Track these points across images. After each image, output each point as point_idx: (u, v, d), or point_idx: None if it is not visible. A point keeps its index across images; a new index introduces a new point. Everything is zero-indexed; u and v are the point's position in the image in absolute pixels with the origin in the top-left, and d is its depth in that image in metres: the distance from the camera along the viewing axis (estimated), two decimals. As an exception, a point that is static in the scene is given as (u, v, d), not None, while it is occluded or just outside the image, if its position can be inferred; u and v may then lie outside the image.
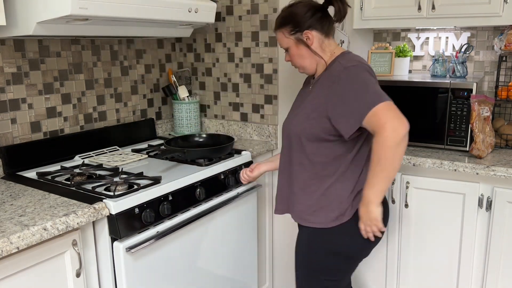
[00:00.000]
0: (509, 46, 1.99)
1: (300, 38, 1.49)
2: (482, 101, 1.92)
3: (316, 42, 1.49)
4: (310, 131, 1.46)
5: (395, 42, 2.55)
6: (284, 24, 1.50)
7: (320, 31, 1.49)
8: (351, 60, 1.43)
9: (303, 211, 1.53)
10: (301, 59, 1.52)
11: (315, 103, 1.46)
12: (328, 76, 1.46)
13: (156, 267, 1.59)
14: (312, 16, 1.47)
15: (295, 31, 1.48)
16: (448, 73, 2.24)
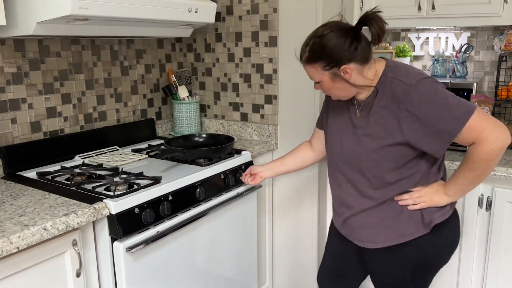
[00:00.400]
0: (509, 46, 1.99)
1: (337, 73, 1.30)
2: (482, 101, 1.92)
3: (355, 73, 1.31)
4: (385, 159, 1.34)
5: (395, 42, 2.55)
6: (316, 60, 1.31)
7: (360, 62, 1.30)
8: (408, 74, 1.29)
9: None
10: (337, 91, 1.36)
11: (385, 130, 1.32)
12: (389, 97, 1.30)
13: (156, 267, 1.59)
14: (350, 48, 1.27)
15: (330, 66, 1.30)
16: (448, 73, 2.24)
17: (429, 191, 1.39)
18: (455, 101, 1.24)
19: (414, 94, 1.25)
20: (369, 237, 1.46)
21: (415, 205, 1.39)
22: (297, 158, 1.74)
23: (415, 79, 1.27)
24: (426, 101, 1.24)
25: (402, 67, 1.34)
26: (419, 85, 1.25)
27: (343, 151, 1.44)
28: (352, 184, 1.45)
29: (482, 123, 1.22)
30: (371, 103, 1.35)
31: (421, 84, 1.26)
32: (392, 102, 1.30)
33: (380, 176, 1.38)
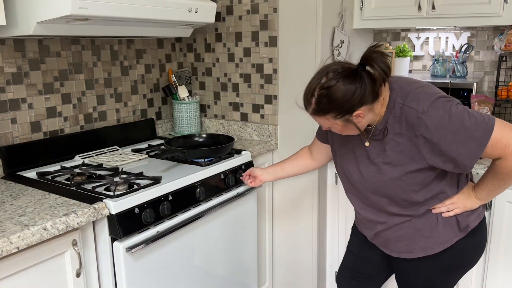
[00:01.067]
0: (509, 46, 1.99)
1: (349, 119, 1.25)
2: (482, 101, 1.92)
3: (367, 115, 1.26)
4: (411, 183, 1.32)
5: (395, 42, 2.55)
6: (326, 112, 1.24)
7: (370, 103, 1.24)
8: (418, 98, 1.23)
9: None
10: (350, 131, 1.31)
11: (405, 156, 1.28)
12: (402, 124, 1.26)
13: (156, 267, 1.59)
14: (360, 94, 1.20)
15: (342, 115, 1.24)
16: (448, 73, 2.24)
17: (461, 197, 1.38)
18: (472, 121, 1.19)
19: (428, 120, 1.21)
20: (406, 248, 1.44)
21: (449, 212, 1.37)
22: (297, 165, 1.74)
23: (426, 105, 1.21)
24: (442, 127, 1.20)
25: (408, 88, 1.27)
26: (432, 111, 1.20)
27: (365, 180, 1.40)
28: (380, 206, 1.43)
29: (505, 139, 1.19)
30: (383, 130, 1.31)
31: (434, 108, 1.21)
32: (407, 129, 1.26)
33: (409, 198, 1.36)
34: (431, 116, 1.21)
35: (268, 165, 2.28)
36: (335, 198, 2.24)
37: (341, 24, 2.21)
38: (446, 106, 1.21)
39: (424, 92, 1.25)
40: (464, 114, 1.20)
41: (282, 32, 2.14)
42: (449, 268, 1.44)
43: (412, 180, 1.32)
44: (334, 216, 2.27)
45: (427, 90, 1.26)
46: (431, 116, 1.21)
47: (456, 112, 1.20)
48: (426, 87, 1.28)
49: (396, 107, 1.27)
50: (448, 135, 1.20)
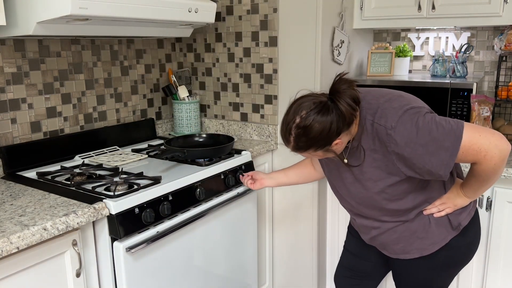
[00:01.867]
0: (509, 46, 1.99)
1: (329, 149, 1.27)
2: (482, 101, 1.92)
3: (344, 139, 1.29)
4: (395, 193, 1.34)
5: (395, 42, 2.55)
6: (305, 149, 1.27)
7: (347, 128, 1.25)
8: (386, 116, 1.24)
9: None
10: (328, 155, 1.32)
11: (383, 172, 1.31)
12: (376, 141, 1.28)
13: (156, 267, 1.59)
14: (337, 125, 1.21)
15: (322, 147, 1.26)
16: (448, 73, 2.24)
17: (450, 196, 1.39)
18: (440, 131, 1.19)
19: (397, 137, 1.22)
20: (402, 250, 1.46)
21: (440, 213, 1.39)
22: (300, 173, 1.73)
23: (394, 120, 1.22)
24: (411, 142, 1.21)
25: (375, 104, 1.28)
26: (400, 126, 1.21)
27: (352, 195, 1.43)
28: (373, 217, 1.46)
29: (476, 145, 1.19)
30: (358, 146, 1.33)
31: (402, 124, 1.21)
32: (380, 146, 1.27)
33: (398, 207, 1.37)
34: (399, 132, 1.21)
35: (268, 165, 2.28)
36: (335, 199, 2.24)
37: (341, 24, 2.21)
38: (413, 120, 1.21)
39: (390, 107, 1.25)
40: (432, 125, 1.20)
41: (282, 32, 2.14)
42: (445, 266, 1.45)
43: (396, 191, 1.33)
44: (334, 216, 2.27)
45: (394, 104, 1.26)
46: (399, 132, 1.21)
47: (423, 125, 1.20)
48: (393, 100, 1.28)
49: (367, 124, 1.28)
50: (418, 148, 1.20)
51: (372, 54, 2.36)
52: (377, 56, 2.37)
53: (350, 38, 2.32)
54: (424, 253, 1.43)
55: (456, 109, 1.98)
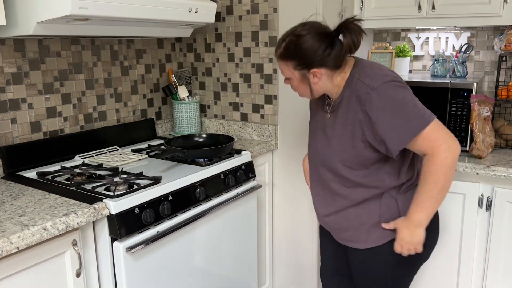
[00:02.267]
0: (509, 46, 1.99)
1: (306, 75, 1.33)
2: (482, 101, 1.92)
3: (324, 78, 1.33)
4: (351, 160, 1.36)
5: (395, 42, 2.55)
6: (289, 58, 1.32)
7: (331, 68, 1.32)
8: (372, 76, 1.28)
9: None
10: (304, 90, 1.39)
11: (349, 130, 1.34)
12: (352, 99, 1.32)
13: (156, 267, 1.59)
14: (323, 53, 1.28)
15: (301, 67, 1.32)
16: (448, 73, 2.24)
17: (405, 238, 1.35)
18: (414, 110, 1.24)
19: (374, 98, 1.25)
20: (351, 238, 1.47)
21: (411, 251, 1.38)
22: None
23: (378, 82, 1.25)
24: (384, 107, 1.24)
25: (369, 67, 1.33)
26: (381, 89, 1.25)
27: (318, 152, 1.48)
28: (326, 183, 1.47)
29: (435, 134, 1.23)
30: (340, 104, 1.37)
31: (383, 88, 1.25)
32: (356, 104, 1.30)
33: (350, 175, 1.39)
34: (378, 94, 1.25)
35: (268, 165, 2.28)
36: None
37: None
38: (396, 90, 1.25)
39: (380, 73, 1.29)
40: (409, 103, 1.24)
41: (282, 32, 2.14)
42: (396, 264, 1.44)
43: (353, 158, 1.36)
44: (334, 216, 2.27)
45: (385, 72, 1.30)
46: (378, 94, 1.25)
47: (402, 98, 1.24)
48: (385, 70, 1.32)
49: (353, 82, 1.32)
50: (387, 117, 1.24)
51: (372, 54, 2.36)
52: (377, 56, 2.36)
53: (350, 38, 2.31)
54: (370, 244, 1.43)
55: (456, 109, 1.98)
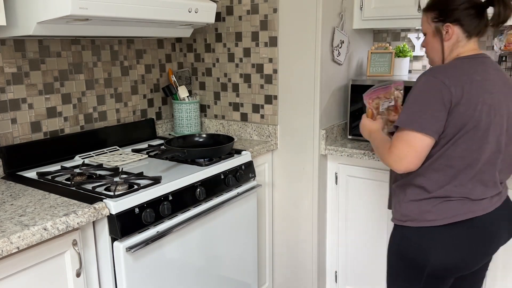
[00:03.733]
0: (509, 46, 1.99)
1: (439, 29, 1.40)
2: (377, 97, 1.74)
3: (453, 39, 1.39)
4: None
5: (395, 42, 2.55)
6: (432, 9, 1.40)
7: (465, 29, 1.37)
8: (437, 70, 1.33)
9: None
10: (431, 51, 1.45)
11: None
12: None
13: (156, 267, 1.59)
14: (465, 10, 1.35)
15: (438, 19, 1.39)
16: (448, 73, 2.23)
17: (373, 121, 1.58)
18: (417, 109, 1.30)
19: (418, 79, 1.35)
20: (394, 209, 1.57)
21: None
22: None
23: (431, 73, 1.32)
24: (413, 88, 1.34)
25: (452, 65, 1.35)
26: (422, 77, 1.33)
27: None
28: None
29: (399, 142, 1.32)
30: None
31: (422, 78, 1.33)
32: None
33: None
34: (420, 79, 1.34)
35: (268, 165, 2.28)
36: (335, 198, 2.24)
37: (341, 24, 2.21)
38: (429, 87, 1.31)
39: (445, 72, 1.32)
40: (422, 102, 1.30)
41: (282, 32, 2.14)
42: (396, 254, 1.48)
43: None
44: (334, 216, 2.27)
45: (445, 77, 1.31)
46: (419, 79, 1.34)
47: (424, 93, 1.31)
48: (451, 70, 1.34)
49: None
50: (409, 95, 1.35)
51: (372, 54, 2.36)
52: (377, 56, 2.36)
53: (350, 38, 2.32)
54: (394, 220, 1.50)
55: (456, 109, 1.98)
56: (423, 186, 1.38)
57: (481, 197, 1.35)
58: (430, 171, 1.36)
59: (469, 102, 1.28)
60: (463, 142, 1.31)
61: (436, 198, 1.36)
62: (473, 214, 1.34)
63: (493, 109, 1.31)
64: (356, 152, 2.05)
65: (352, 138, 2.26)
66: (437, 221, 1.35)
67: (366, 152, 2.03)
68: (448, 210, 1.34)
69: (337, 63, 2.22)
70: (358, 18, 2.29)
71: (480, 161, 1.33)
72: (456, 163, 1.33)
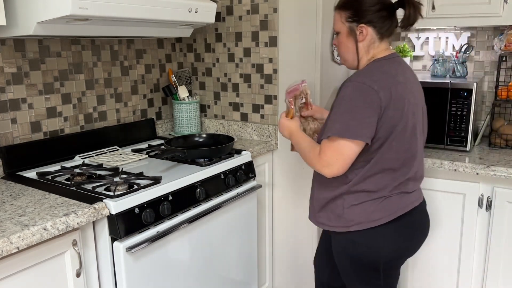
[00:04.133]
0: (509, 46, 1.99)
1: (353, 29, 1.41)
2: (295, 96, 1.75)
3: (367, 40, 1.41)
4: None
5: (395, 42, 2.55)
6: (345, 7, 1.42)
7: (377, 30, 1.40)
8: (362, 75, 1.35)
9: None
10: (345, 50, 1.46)
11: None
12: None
13: (156, 267, 1.59)
14: (377, 12, 1.38)
15: (352, 19, 1.40)
16: (448, 73, 2.24)
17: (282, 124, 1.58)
18: (349, 117, 1.31)
19: (344, 87, 1.37)
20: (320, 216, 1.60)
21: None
22: None
23: (357, 79, 1.34)
24: (341, 97, 1.35)
25: (372, 70, 1.37)
26: (350, 86, 1.34)
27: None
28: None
29: (329, 150, 1.35)
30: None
31: (352, 86, 1.34)
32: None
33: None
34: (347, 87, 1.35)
35: (268, 165, 2.28)
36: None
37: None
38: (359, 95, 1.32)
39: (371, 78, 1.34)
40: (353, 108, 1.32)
41: (282, 32, 2.14)
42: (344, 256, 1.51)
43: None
44: (334, 216, 2.27)
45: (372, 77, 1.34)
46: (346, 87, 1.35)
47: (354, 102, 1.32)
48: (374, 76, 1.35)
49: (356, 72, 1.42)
50: (337, 104, 1.37)
51: (372, 54, 2.36)
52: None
53: (350, 38, 2.31)
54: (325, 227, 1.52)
55: (456, 109, 1.98)
56: (365, 190, 1.42)
57: (413, 190, 1.47)
58: (370, 175, 1.40)
59: (397, 104, 1.33)
60: (396, 143, 1.37)
61: (378, 198, 1.42)
62: (412, 205, 1.46)
63: (415, 107, 1.40)
64: (356, 152, 2.05)
65: (352, 138, 2.26)
66: (383, 219, 1.42)
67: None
68: (391, 207, 1.42)
69: (337, 63, 2.22)
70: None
71: (412, 158, 1.42)
72: (392, 164, 1.39)
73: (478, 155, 1.95)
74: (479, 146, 2.13)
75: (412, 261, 2.05)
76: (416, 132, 1.41)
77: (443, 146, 2.04)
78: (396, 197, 1.43)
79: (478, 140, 2.14)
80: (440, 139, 2.03)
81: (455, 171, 1.86)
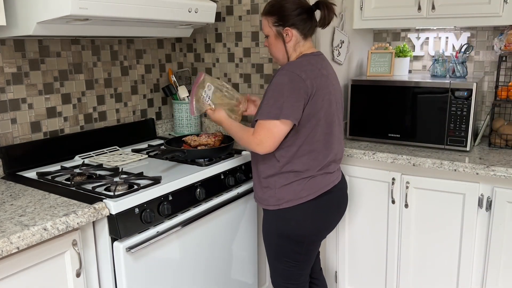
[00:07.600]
0: (509, 46, 1.99)
1: (280, 32, 1.60)
2: (200, 86, 1.77)
3: (293, 41, 1.60)
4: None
5: (395, 42, 2.55)
6: (271, 14, 1.60)
7: (301, 31, 1.60)
8: (293, 66, 1.53)
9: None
10: (276, 50, 1.65)
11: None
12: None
13: (156, 267, 1.59)
14: (298, 16, 1.57)
15: (278, 24, 1.59)
16: (448, 73, 2.24)
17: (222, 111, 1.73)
18: (281, 101, 1.49)
19: (275, 75, 1.54)
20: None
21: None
22: None
23: (287, 69, 1.52)
24: (273, 84, 1.53)
25: (300, 62, 1.55)
26: (281, 73, 1.53)
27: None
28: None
29: (262, 130, 1.52)
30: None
31: (282, 73, 1.52)
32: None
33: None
34: (277, 75, 1.53)
35: (268, 165, 2.28)
36: (335, 198, 2.24)
37: (341, 24, 2.21)
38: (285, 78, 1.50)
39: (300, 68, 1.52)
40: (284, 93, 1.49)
41: (282, 32, 2.14)
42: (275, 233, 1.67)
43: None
44: (334, 216, 2.27)
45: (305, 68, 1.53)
46: (277, 75, 1.54)
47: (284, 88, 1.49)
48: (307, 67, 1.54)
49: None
50: (268, 90, 1.54)
51: (372, 54, 2.36)
52: (377, 56, 2.36)
53: (350, 38, 2.32)
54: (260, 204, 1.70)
55: (456, 109, 1.98)
56: (293, 170, 1.59)
57: (334, 170, 1.67)
58: (297, 157, 1.59)
59: (320, 93, 1.54)
60: (319, 128, 1.56)
61: (305, 178, 1.60)
62: (333, 184, 1.66)
63: (334, 97, 1.61)
64: (356, 152, 2.05)
65: (351, 138, 2.26)
66: (309, 196, 1.60)
67: (366, 152, 2.03)
68: (316, 185, 1.61)
69: (337, 63, 2.22)
70: (358, 18, 2.29)
71: (332, 141, 1.63)
72: (316, 146, 1.59)
73: (478, 155, 1.95)
74: (479, 146, 2.13)
75: (412, 261, 2.06)
76: (335, 119, 1.62)
77: (443, 146, 2.04)
78: (320, 177, 1.62)
79: (478, 140, 2.14)
80: (440, 139, 2.04)
81: (455, 171, 1.86)
